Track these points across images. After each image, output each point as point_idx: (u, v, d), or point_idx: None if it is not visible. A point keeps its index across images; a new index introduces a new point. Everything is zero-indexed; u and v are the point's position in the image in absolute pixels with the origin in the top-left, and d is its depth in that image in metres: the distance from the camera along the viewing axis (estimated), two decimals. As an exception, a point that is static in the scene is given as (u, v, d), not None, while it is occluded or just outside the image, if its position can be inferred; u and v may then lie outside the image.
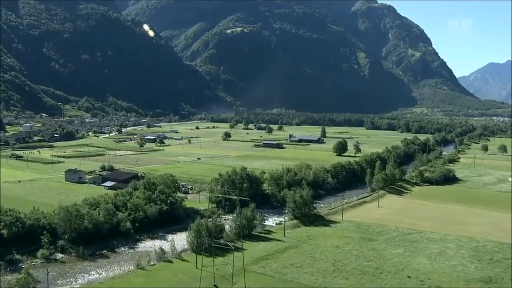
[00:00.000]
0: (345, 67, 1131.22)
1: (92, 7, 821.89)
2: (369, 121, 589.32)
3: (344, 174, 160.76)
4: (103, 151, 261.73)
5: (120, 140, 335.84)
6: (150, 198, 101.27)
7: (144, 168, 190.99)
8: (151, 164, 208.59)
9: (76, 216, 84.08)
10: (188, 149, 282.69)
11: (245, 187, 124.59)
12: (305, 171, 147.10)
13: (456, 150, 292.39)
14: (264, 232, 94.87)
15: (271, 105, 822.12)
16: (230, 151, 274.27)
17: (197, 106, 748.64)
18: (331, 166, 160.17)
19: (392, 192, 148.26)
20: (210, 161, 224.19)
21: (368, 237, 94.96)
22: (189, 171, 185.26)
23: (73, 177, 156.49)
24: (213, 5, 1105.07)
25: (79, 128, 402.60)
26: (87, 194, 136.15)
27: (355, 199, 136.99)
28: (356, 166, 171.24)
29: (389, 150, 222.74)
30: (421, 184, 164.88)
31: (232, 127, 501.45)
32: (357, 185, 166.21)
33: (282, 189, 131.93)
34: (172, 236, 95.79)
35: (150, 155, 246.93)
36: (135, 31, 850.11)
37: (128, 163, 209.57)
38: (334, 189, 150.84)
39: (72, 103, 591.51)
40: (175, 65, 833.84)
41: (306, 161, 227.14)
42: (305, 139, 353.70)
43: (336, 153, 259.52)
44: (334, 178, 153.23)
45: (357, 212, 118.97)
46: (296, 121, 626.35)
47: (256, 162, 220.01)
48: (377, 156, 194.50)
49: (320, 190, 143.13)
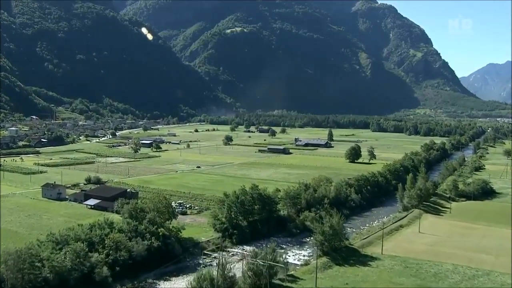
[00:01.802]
0: (346, 68, 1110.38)
1: (88, 6, 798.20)
2: (374, 123, 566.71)
3: (369, 188, 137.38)
4: (93, 158, 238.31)
5: (113, 145, 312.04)
6: (136, 230, 77.72)
7: (136, 180, 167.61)
8: (145, 174, 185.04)
9: (30, 264, 60.49)
10: (186, 155, 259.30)
11: (256, 210, 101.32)
12: (325, 186, 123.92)
13: (477, 155, 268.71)
14: (289, 279, 71.26)
15: (272, 106, 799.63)
16: (233, 157, 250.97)
17: (196, 107, 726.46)
18: (354, 179, 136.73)
19: (428, 210, 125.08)
20: (211, 170, 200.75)
21: (424, 284, 71.75)
22: (187, 183, 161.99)
23: (51, 193, 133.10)
24: (212, 5, 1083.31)
25: (70, 131, 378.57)
26: (65, 216, 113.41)
27: (387, 220, 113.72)
28: (381, 179, 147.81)
29: (417, 157, 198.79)
30: (457, 199, 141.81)
31: (232, 130, 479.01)
32: (382, 200, 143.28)
33: (301, 211, 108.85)
34: (164, 284, 72.31)
35: (145, 163, 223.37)
36: (132, 31, 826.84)
37: (119, 173, 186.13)
38: (359, 207, 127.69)
39: (66, 105, 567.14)
40: (173, 66, 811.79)
41: (318, 170, 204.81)
42: (312, 143, 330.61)
43: (348, 159, 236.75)
44: (358, 194, 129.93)
45: (397, 241, 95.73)
46: (298, 123, 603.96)
47: (263, 171, 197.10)
48: (401, 165, 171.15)
49: (343, 209, 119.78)
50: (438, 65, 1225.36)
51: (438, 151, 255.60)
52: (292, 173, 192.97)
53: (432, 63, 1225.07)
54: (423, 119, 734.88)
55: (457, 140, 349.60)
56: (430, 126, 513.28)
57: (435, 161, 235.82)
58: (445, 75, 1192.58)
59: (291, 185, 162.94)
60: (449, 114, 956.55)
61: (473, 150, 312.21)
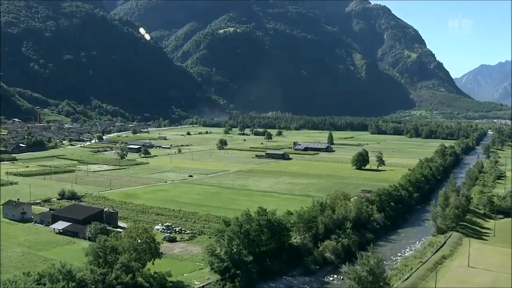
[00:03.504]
0: (341, 69, 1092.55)
1: (77, 5, 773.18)
2: (373, 125, 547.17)
3: (392, 204, 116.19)
4: (74, 166, 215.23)
5: (98, 150, 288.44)
6: (104, 281, 56.03)
7: (118, 193, 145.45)
8: (129, 185, 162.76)
9: None
10: (177, 161, 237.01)
11: (264, 240, 79.89)
12: (343, 205, 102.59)
13: (491, 161, 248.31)
14: None
15: (266, 108, 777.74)
16: (228, 164, 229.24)
17: (188, 109, 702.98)
18: (375, 194, 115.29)
19: (467, 233, 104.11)
20: (205, 179, 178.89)
21: None
22: (178, 197, 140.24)
23: (13, 213, 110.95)
24: (205, 5, 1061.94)
25: (54, 135, 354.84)
26: (24, 245, 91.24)
27: (422, 248, 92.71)
28: (404, 192, 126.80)
29: (434, 164, 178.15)
30: (494, 216, 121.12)
31: (226, 133, 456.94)
32: (406, 218, 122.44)
33: (318, 237, 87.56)
34: None
35: (131, 171, 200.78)
36: (122, 31, 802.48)
37: (100, 184, 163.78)
38: (383, 228, 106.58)
39: (52, 107, 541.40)
40: (165, 67, 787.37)
41: (323, 178, 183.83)
42: (312, 147, 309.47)
43: (355, 166, 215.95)
44: (380, 212, 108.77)
45: (446, 282, 74.54)
46: (294, 125, 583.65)
47: (263, 181, 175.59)
48: (421, 174, 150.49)
49: (366, 231, 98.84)
50: (433, 66, 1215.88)
51: (451, 156, 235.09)
52: (296, 183, 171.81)
53: (427, 64, 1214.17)
54: (422, 121, 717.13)
55: (466, 143, 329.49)
56: (431, 128, 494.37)
57: (450, 167, 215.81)
58: (440, 76, 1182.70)
59: (296, 198, 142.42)
60: (445, 116, 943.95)
61: (484, 154, 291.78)
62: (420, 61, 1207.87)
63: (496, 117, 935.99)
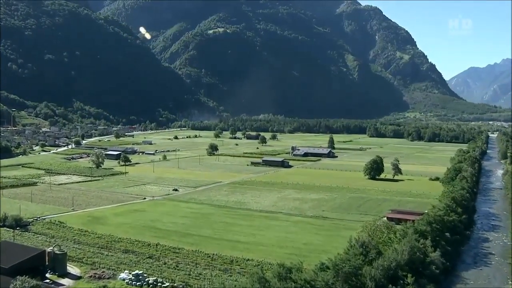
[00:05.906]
0: (334, 70, 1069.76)
1: (60, 3, 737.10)
2: (371, 128, 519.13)
3: (448, 236, 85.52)
4: (39, 177, 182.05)
5: (72, 156, 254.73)
6: None
7: (81, 215, 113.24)
8: (98, 203, 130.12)
9: None
10: (161, 170, 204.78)
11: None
12: (387, 241, 71.73)
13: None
14: None
15: (257, 110, 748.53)
16: (220, 173, 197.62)
17: (176, 112, 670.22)
18: (425, 222, 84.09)
19: None
20: (192, 194, 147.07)
21: None
22: (157, 222, 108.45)
23: None
24: (194, 5, 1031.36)
25: (27, 140, 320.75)
26: None
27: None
28: (455, 216, 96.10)
29: (466, 173, 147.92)
30: None
31: (217, 136, 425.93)
32: (459, 251, 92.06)
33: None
34: None
35: (104, 183, 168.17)
36: (107, 30, 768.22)
37: (63, 202, 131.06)
38: (443, 272, 75.71)
39: (30, 109, 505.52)
40: (152, 68, 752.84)
41: (336, 192, 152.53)
42: (312, 153, 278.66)
43: (368, 175, 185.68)
44: (435, 248, 77.99)
45: None
46: (288, 128, 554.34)
47: (263, 196, 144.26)
48: (464, 189, 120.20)
49: (423, 279, 67.98)
50: (426, 68, 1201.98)
51: (475, 163, 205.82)
52: (304, 198, 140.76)
53: (420, 66, 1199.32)
54: (419, 123, 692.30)
55: (480, 147, 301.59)
56: (434, 130, 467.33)
57: (478, 177, 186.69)
58: (433, 78, 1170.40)
59: (310, 222, 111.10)
60: (440, 118, 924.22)
61: (503, 159, 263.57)
62: (413, 62, 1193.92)
63: (491, 119, 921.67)
